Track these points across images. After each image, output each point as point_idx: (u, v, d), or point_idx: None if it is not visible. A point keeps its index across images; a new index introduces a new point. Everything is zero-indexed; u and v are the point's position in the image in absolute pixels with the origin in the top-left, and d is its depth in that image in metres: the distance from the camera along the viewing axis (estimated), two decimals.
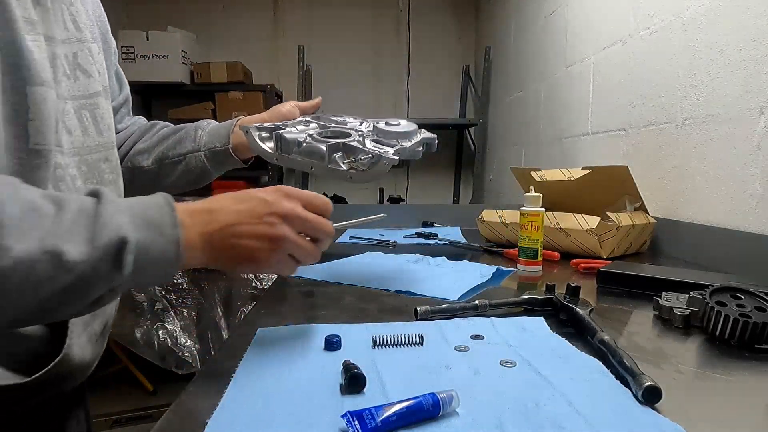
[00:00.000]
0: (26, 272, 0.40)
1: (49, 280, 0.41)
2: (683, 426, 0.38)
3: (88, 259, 0.42)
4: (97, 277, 0.43)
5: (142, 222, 0.45)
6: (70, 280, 0.42)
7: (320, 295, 0.81)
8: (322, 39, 3.25)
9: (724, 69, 1.04)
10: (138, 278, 0.45)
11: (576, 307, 0.63)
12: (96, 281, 0.43)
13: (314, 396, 0.43)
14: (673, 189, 1.21)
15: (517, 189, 1.45)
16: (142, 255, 0.44)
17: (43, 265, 0.40)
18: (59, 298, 0.43)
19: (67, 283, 0.42)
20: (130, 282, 0.45)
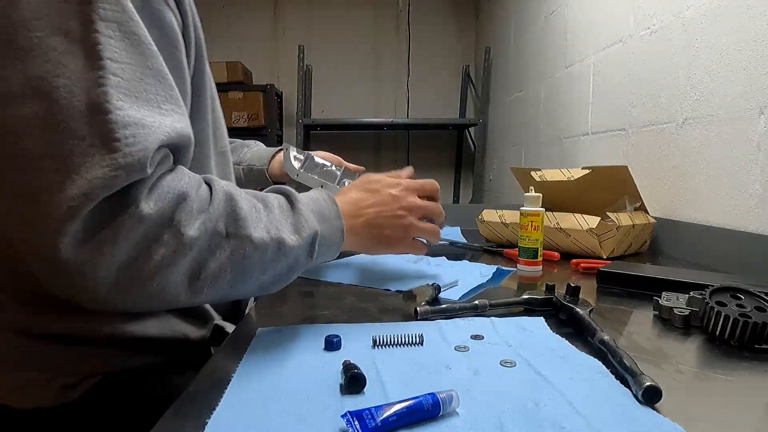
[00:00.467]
0: (261, 255, 0.51)
1: (273, 262, 0.52)
2: (683, 426, 0.38)
3: (297, 246, 0.54)
4: (299, 262, 0.55)
5: (320, 216, 0.57)
6: (286, 263, 0.54)
7: (320, 295, 0.81)
8: (322, 39, 3.25)
9: (724, 69, 1.04)
10: (318, 261, 0.59)
11: (576, 307, 0.63)
12: (298, 265, 0.56)
13: (314, 396, 0.43)
14: (673, 189, 1.21)
15: (517, 189, 1.45)
16: (323, 243, 0.57)
17: (272, 250, 0.52)
18: (276, 278, 0.54)
19: (284, 266, 0.54)
20: (312, 264, 0.58)
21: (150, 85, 0.46)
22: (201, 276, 0.48)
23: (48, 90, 0.41)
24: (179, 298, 0.48)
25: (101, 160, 0.41)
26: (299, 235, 0.54)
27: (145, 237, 0.43)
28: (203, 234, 0.47)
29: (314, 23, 3.28)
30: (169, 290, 0.47)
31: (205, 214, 0.47)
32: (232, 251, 0.49)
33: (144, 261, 0.44)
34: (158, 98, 0.46)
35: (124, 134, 0.42)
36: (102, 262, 0.42)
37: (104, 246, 0.42)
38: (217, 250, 0.48)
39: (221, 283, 0.50)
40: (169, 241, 0.45)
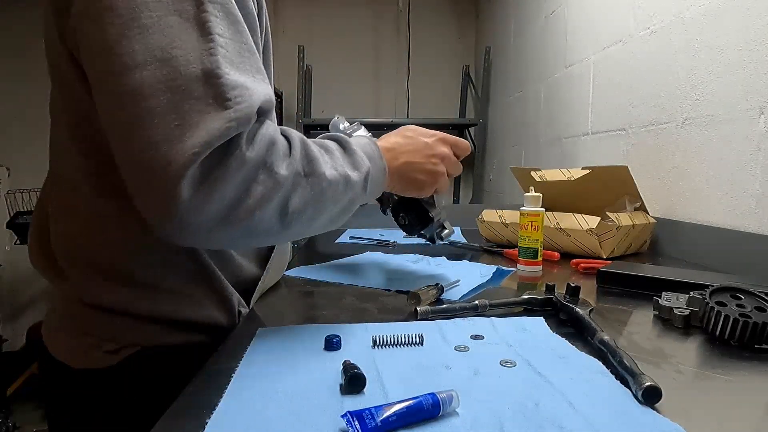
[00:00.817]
0: (333, 189, 0.59)
1: (342, 195, 0.61)
2: (683, 426, 0.38)
3: (359, 181, 0.63)
4: (358, 195, 0.64)
5: (368, 156, 0.66)
6: (350, 196, 0.62)
7: (320, 295, 0.81)
8: (322, 39, 3.25)
9: (724, 69, 1.04)
10: (368, 198, 0.67)
11: (576, 307, 0.63)
12: (356, 198, 0.64)
13: (314, 396, 0.43)
14: (673, 189, 1.21)
15: (517, 189, 1.45)
16: (372, 180, 0.66)
17: (342, 184, 0.60)
18: (342, 211, 0.63)
19: (348, 199, 0.62)
20: (364, 201, 0.67)
21: (246, 58, 0.54)
22: (289, 210, 0.55)
23: (168, 58, 0.48)
24: (272, 231, 0.55)
25: (216, 115, 0.48)
26: (359, 171, 0.63)
27: (246, 177, 0.51)
28: (291, 174, 0.54)
29: (314, 23, 3.28)
30: (264, 224, 0.54)
31: (290, 157, 0.55)
32: (311, 188, 0.57)
33: (246, 197, 0.51)
34: (252, 69, 0.54)
35: (234, 95, 0.49)
36: (215, 199, 0.49)
37: (216, 185, 0.49)
38: (299, 187, 0.55)
39: (304, 218, 0.57)
40: (266, 180, 0.52)
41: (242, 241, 0.58)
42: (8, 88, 3.07)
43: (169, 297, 0.65)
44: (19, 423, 2.57)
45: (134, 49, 0.48)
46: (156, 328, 0.66)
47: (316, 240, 1.41)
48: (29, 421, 2.64)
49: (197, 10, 0.50)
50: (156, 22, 0.49)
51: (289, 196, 0.54)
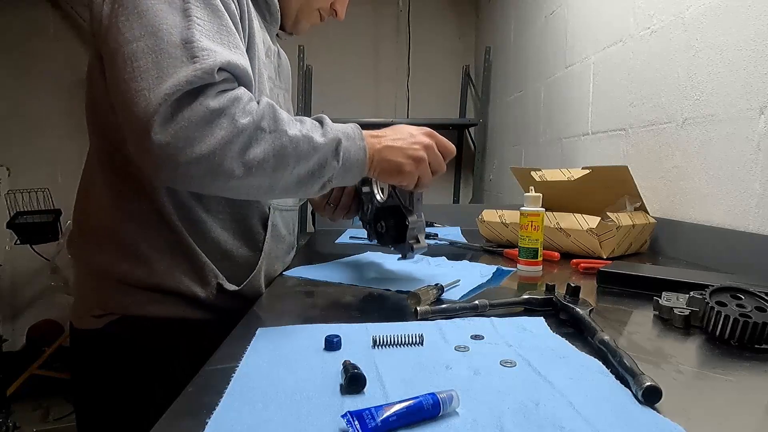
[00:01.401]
0: (295, 147, 0.66)
1: (306, 155, 0.67)
2: (683, 426, 0.38)
3: (324, 144, 0.69)
4: (328, 163, 0.70)
5: (345, 135, 0.72)
6: (315, 160, 0.68)
7: (320, 295, 0.81)
8: (322, 39, 3.25)
9: (724, 69, 1.04)
10: (344, 173, 0.72)
11: (576, 307, 0.63)
12: (327, 165, 0.70)
13: (314, 396, 0.43)
14: (673, 189, 1.21)
15: (517, 189, 1.45)
16: (346, 154, 0.71)
17: (304, 144, 0.67)
18: (311, 174, 0.69)
19: (316, 162, 0.68)
20: (340, 176, 0.72)
21: (222, 35, 0.67)
22: (250, 156, 0.63)
23: (155, 31, 0.62)
24: (234, 175, 0.63)
25: (186, 68, 0.61)
26: (325, 137, 0.69)
27: (208, 120, 0.61)
28: (251, 125, 0.64)
29: None
30: (225, 165, 0.62)
31: (254, 113, 0.65)
32: (273, 141, 0.65)
33: (209, 137, 0.61)
34: (228, 42, 0.67)
35: (202, 54, 0.62)
36: (180, 136, 0.60)
37: (181, 124, 0.60)
38: (261, 140, 0.64)
39: (266, 167, 0.65)
40: (227, 126, 0.62)
41: (210, 182, 0.64)
42: (8, 88, 3.07)
43: (145, 262, 0.76)
44: (19, 423, 2.57)
45: (132, 28, 0.63)
46: (135, 296, 0.77)
47: (316, 240, 1.41)
48: (29, 421, 2.64)
49: (182, 2, 0.65)
50: (150, 8, 0.64)
51: (249, 143, 0.63)
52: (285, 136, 0.66)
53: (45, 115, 3.02)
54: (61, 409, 2.71)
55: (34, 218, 2.81)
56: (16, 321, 3.17)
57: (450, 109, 3.31)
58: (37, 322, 3.07)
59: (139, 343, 0.78)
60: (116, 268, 0.77)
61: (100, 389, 0.81)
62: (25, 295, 3.20)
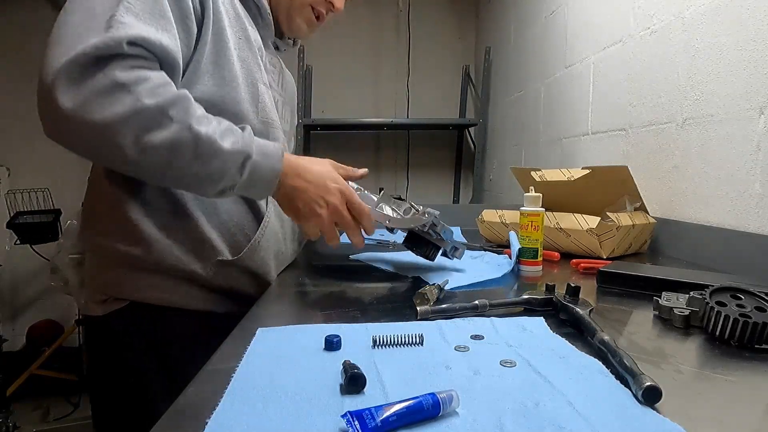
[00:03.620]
0: (195, 144, 0.67)
1: (205, 157, 0.68)
2: (683, 426, 0.38)
3: (228, 153, 0.69)
4: (228, 171, 0.70)
5: (262, 150, 0.73)
6: (214, 165, 0.69)
7: (320, 295, 0.81)
8: (322, 39, 3.24)
9: (724, 69, 1.04)
10: (248, 187, 0.73)
11: (576, 307, 0.63)
12: (227, 174, 0.70)
13: (314, 396, 0.43)
14: (673, 189, 1.21)
15: (517, 189, 1.45)
16: (254, 169, 0.72)
17: (206, 145, 0.67)
18: (206, 177, 0.69)
19: (213, 167, 0.69)
20: (243, 188, 0.73)
21: (154, 16, 0.68)
22: (145, 139, 0.64)
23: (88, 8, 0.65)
24: (125, 151, 0.64)
25: (97, 35, 0.63)
26: (234, 147, 0.70)
27: (110, 92, 0.62)
28: (155, 108, 0.64)
29: None
30: (118, 139, 0.63)
31: (162, 97, 0.65)
32: (175, 131, 0.65)
33: (107, 108, 0.62)
34: (156, 23, 0.68)
35: (116, 25, 0.64)
36: (80, 100, 0.61)
37: (81, 87, 0.61)
38: (163, 126, 0.65)
39: (161, 153, 0.65)
40: (129, 103, 0.63)
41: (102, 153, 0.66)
42: (8, 88, 3.07)
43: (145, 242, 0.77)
44: (19, 423, 2.57)
45: (73, 3, 0.66)
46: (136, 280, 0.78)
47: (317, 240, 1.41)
48: (29, 421, 2.64)
49: None
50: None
51: (149, 125, 0.64)
52: (189, 130, 0.66)
53: None
54: (61, 409, 2.71)
55: (34, 218, 2.81)
56: (16, 321, 3.17)
57: (450, 109, 3.31)
58: (37, 322, 3.07)
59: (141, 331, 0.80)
60: (117, 249, 0.78)
61: (106, 375, 0.83)
62: (25, 295, 3.20)
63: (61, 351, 2.81)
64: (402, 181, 3.39)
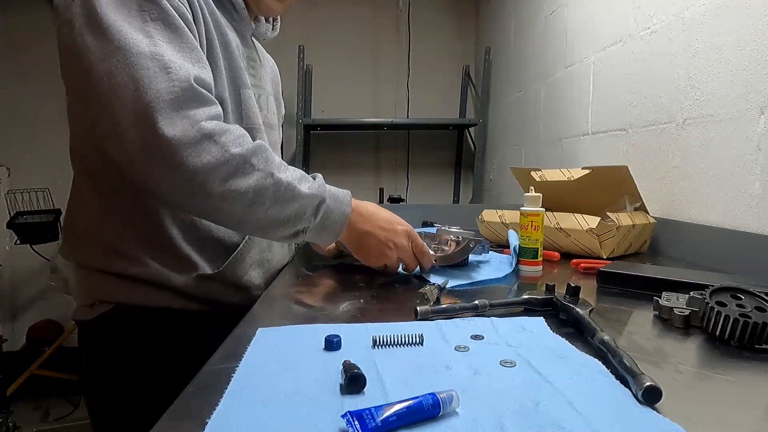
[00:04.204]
0: (276, 189, 0.70)
1: (284, 202, 0.71)
2: (683, 426, 0.38)
3: (306, 196, 0.73)
4: (305, 215, 0.74)
5: (334, 195, 0.77)
6: (293, 208, 0.72)
7: (320, 295, 0.81)
8: (322, 39, 3.25)
9: (724, 69, 1.04)
10: (320, 230, 0.77)
11: (576, 307, 0.63)
12: (304, 217, 0.74)
13: (314, 396, 0.43)
14: (673, 189, 1.21)
15: (517, 189, 1.45)
16: (327, 213, 0.76)
17: (287, 190, 0.71)
18: (283, 220, 0.73)
19: (291, 210, 0.72)
20: (315, 231, 0.77)
21: (185, 51, 0.70)
22: (232, 187, 0.67)
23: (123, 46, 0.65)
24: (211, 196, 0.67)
25: (162, 79, 0.65)
26: (311, 191, 0.73)
27: (198, 142, 0.65)
28: (240, 157, 0.67)
29: (314, 23, 3.27)
30: (208, 187, 0.66)
31: (246, 146, 0.69)
32: (257, 179, 0.69)
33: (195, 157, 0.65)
34: (191, 57, 0.70)
35: (174, 66, 0.66)
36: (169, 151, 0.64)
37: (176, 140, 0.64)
38: (247, 174, 0.68)
39: (244, 200, 0.68)
40: (215, 152, 0.66)
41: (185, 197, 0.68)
42: (8, 89, 3.07)
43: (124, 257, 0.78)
44: (19, 423, 2.57)
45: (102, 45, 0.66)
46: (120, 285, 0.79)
47: None
48: (29, 421, 2.64)
49: (142, 23, 0.68)
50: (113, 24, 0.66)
51: (234, 172, 0.67)
52: (271, 177, 0.69)
53: (45, 116, 3.01)
54: (61, 409, 2.71)
55: (34, 218, 2.81)
56: (16, 321, 3.17)
57: (450, 109, 3.31)
58: (37, 322, 3.07)
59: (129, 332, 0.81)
60: (98, 263, 0.80)
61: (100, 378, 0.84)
62: (25, 295, 3.20)
63: (61, 351, 2.81)
64: (402, 181, 3.39)
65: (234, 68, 0.85)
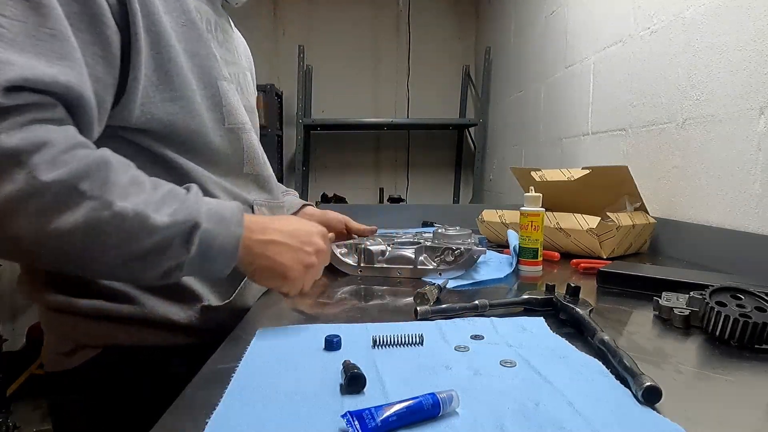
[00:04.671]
0: (119, 225, 0.50)
1: (134, 238, 0.51)
2: (683, 426, 0.38)
3: (166, 228, 0.52)
4: (171, 248, 0.53)
5: (215, 216, 0.56)
6: (150, 243, 0.52)
7: (320, 295, 0.81)
8: (322, 39, 3.25)
9: (724, 69, 1.04)
10: (202, 262, 0.55)
11: (576, 307, 0.63)
12: (169, 251, 0.53)
13: (314, 396, 0.43)
14: (673, 189, 1.21)
15: (517, 189, 1.45)
16: (207, 240, 0.54)
17: (133, 223, 0.51)
18: (139, 259, 0.52)
19: (147, 246, 0.52)
20: (195, 264, 0.55)
21: (42, 41, 0.50)
22: (51, 226, 0.48)
23: None
24: (24, 242, 0.49)
25: None
26: (172, 218, 0.53)
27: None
28: (58, 184, 0.48)
29: (314, 23, 3.27)
30: (14, 228, 0.47)
31: (68, 168, 0.48)
32: (89, 211, 0.49)
33: None
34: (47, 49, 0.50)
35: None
36: None
37: None
38: (73, 205, 0.48)
39: (74, 241, 0.49)
40: (19, 180, 0.46)
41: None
42: None
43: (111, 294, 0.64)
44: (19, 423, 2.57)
45: None
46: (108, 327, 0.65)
47: None
48: (29, 421, 2.64)
49: None
50: None
51: (54, 209, 0.48)
52: (109, 208, 0.50)
53: None
54: None
55: None
56: (16, 321, 3.17)
57: (450, 109, 3.31)
58: (38, 322, 3.05)
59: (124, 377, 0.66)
60: (74, 304, 0.64)
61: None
62: None
63: None
64: (402, 181, 3.39)
65: (202, 50, 0.67)
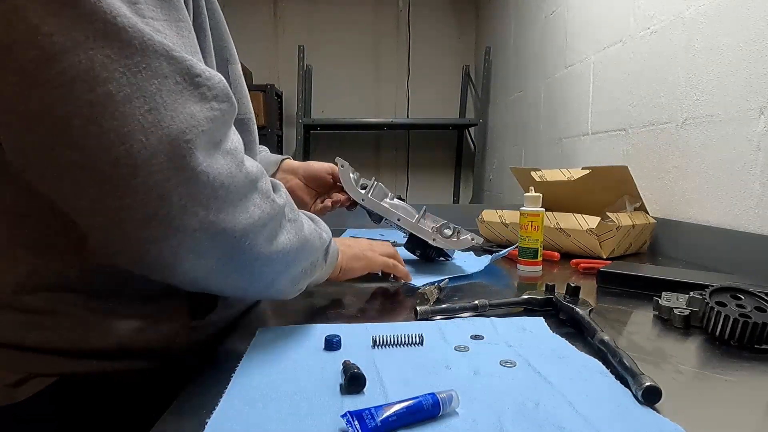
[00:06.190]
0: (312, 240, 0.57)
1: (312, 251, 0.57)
2: (683, 426, 0.38)
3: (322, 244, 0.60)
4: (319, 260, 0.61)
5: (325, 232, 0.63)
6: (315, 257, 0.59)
7: (320, 295, 0.81)
8: (322, 39, 3.25)
9: (724, 69, 1.04)
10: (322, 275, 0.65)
11: (576, 307, 0.63)
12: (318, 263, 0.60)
13: (314, 396, 0.43)
14: (673, 189, 1.21)
15: (517, 189, 1.45)
16: (332, 253, 0.65)
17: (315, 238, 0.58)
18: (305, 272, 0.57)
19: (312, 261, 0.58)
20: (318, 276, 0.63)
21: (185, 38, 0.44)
22: (277, 245, 0.50)
23: (116, 31, 0.37)
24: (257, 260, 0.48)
25: (191, 95, 0.40)
26: (323, 237, 0.61)
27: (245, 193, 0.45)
28: (280, 208, 0.51)
29: (314, 23, 3.27)
30: (255, 248, 0.47)
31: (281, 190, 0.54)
32: (296, 231, 0.53)
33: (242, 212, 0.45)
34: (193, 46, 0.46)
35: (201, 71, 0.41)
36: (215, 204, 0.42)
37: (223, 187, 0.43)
38: (287, 226, 0.52)
39: (286, 259, 0.52)
40: (262, 204, 0.47)
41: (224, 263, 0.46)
42: None
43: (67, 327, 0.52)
44: None
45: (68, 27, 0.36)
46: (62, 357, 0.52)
47: None
48: None
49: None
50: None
51: (277, 228, 0.50)
52: (303, 228, 0.55)
53: None
54: None
55: None
56: None
57: (450, 109, 3.31)
58: None
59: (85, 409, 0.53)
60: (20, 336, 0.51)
61: None
62: None
63: None
64: (402, 181, 3.39)
65: (221, 37, 0.62)
